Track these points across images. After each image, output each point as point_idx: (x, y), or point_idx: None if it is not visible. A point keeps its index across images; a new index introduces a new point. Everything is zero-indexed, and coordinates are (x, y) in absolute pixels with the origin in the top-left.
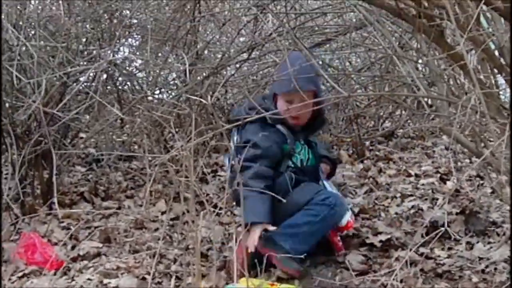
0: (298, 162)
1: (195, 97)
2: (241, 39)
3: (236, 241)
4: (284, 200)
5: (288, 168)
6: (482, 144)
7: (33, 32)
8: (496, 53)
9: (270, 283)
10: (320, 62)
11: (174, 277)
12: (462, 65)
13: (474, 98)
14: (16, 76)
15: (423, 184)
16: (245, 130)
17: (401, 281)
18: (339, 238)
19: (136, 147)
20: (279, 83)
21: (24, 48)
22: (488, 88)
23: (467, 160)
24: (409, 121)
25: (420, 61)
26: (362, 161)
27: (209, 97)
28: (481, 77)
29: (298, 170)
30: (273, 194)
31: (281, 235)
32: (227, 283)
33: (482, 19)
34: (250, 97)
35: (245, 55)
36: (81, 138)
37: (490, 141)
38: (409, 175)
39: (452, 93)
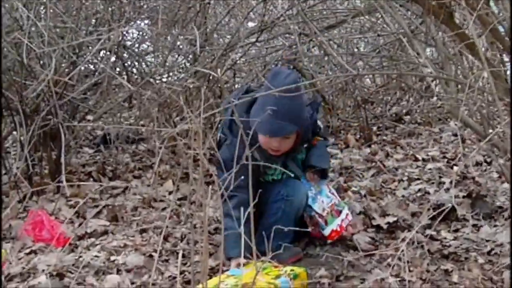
0: (270, 181)
1: (205, 70)
2: (250, 24)
3: None
4: None
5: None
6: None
7: (43, 12)
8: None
9: (274, 266)
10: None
11: (181, 254)
12: (471, 45)
13: (482, 78)
14: (26, 56)
15: (430, 169)
16: (225, 145)
17: (407, 262)
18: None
19: (143, 129)
20: (259, 123)
21: (34, 28)
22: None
23: (475, 147)
24: (416, 106)
25: (429, 44)
26: (369, 146)
27: (219, 70)
28: (489, 55)
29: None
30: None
31: (262, 243)
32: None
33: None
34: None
35: (253, 41)
36: (89, 120)
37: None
38: (416, 160)
39: (461, 74)
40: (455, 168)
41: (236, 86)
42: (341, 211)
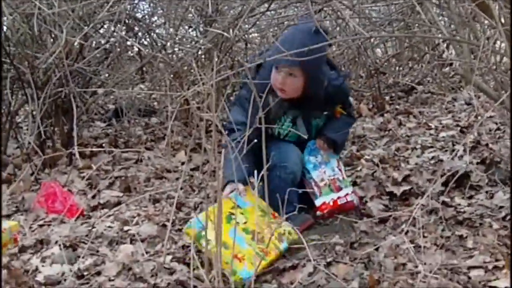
0: (275, 134)
1: (218, 31)
2: None
3: None
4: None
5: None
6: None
7: None
8: None
9: (273, 214)
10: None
11: (194, 219)
12: (484, 7)
13: (495, 42)
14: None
15: (443, 137)
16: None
17: (422, 227)
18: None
19: (155, 102)
20: (272, 52)
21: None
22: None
23: (487, 114)
24: (428, 77)
25: (441, 8)
26: (382, 115)
27: (231, 31)
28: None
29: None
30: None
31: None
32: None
33: None
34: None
35: (264, 10)
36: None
37: None
38: (429, 128)
39: (474, 38)
40: (468, 134)
41: (248, 57)
42: (341, 188)
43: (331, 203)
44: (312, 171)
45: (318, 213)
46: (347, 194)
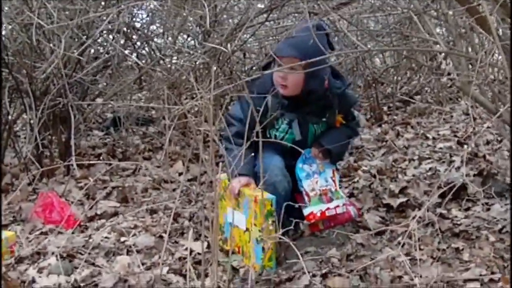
0: (272, 137)
1: (215, 46)
2: (259, 5)
3: None
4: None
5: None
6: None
7: None
8: None
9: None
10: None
11: (191, 232)
12: (482, 21)
13: (493, 54)
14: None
15: (440, 148)
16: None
17: (418, 240)
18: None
19: (153, 112)
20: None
21: (43, 10)
22: (507, 44)
23: (485, 125)
24: (426, 87)
25: (440, 21)
26: (380, 125)
27: (229, 45)
28: (500, 31)
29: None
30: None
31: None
32: None
33: None
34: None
35: (263, 21)
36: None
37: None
38: (427, 139)
39: (472, 51)
40: (466, 146)
41: (247, 66)
42: (332, 199)
43: (319, 214)
44: (304, 181)
45: (305, 222)
46: (337, 206)
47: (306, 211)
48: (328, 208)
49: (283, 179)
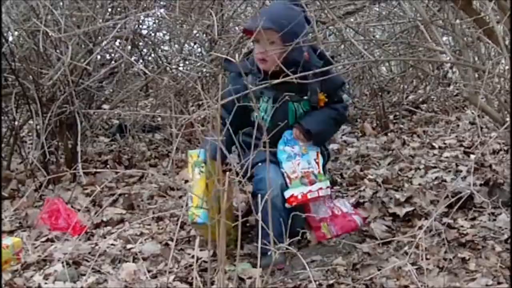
0: (254, 118)
1: (222, 55)
2: None
3: None
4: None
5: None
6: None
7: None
8: None
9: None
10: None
11: (198, 241)
12: (489, 32)
13: (500, 64)
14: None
15: (446, 157)
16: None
17: (424, 249)
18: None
19: (159, 119)
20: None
21: (50, 16)
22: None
23: (492, 134)
24: (433, 96)
25: (446, 31)
26: (386, 134)
27: (236, 56)
28: (507, 41)
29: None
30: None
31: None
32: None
33: None
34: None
35: None
36: (105, 109)
37: None
38: (433, 148)
39: (479, 61)
40: (472, 156)
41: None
42: (315, 182)
43: (300, 197)
44: (284, 162)
45: (287, 205)
46: (320, 188)
47: (287, 193)
48: (310, 191)
49: (279, 193)
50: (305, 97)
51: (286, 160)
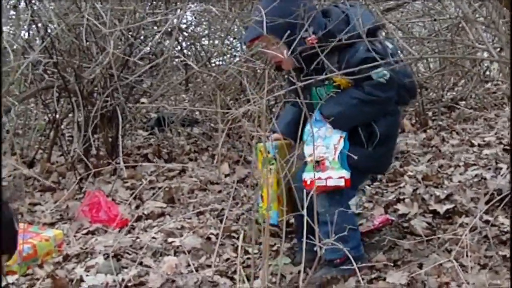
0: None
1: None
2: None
3: None
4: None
5: None
6: None
7: None
8: None
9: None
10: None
11: (242, 236)
12: None
13: None
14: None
15: (486, 154)
16: None
17: (466, 247)
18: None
19: (197, 113)
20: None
21: (92, 10)
22: None
23: None
24: (472, 92)
25: (489, 28)
26: (425, 131)
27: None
28: None
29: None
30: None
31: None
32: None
33: None
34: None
35: None
36: (143, 103)
37: None
38: (472, 145)
39: None
40: None
41: None
42: (327, 169)
43: (309, 182)
44: (306, 144)
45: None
46: (329, 177)
47: (304, 176)
48: (319, 178)
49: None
50: (326, 82)
51: (309, 142)
